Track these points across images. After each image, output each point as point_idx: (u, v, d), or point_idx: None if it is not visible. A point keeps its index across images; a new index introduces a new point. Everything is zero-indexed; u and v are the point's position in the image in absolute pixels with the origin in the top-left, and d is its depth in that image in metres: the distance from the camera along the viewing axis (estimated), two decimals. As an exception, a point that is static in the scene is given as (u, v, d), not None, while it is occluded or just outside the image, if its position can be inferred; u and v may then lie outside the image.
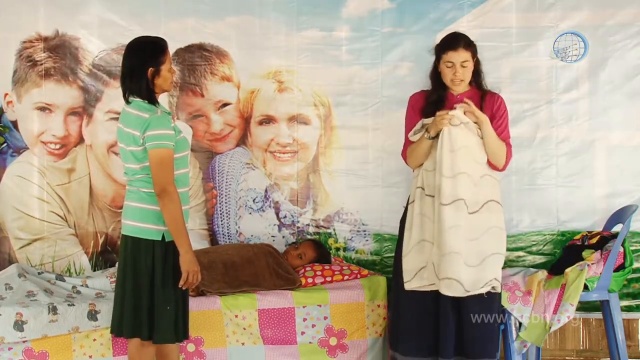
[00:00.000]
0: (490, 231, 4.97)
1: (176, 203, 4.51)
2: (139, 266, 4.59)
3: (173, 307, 4.63)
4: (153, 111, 4.56)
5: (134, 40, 4.69)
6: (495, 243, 4.99)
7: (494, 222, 4.99)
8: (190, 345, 5.29)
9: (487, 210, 4.97)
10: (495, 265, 4.99)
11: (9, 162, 6.13)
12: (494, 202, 5.00)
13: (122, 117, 4.66)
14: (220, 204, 6.27)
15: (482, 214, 4.96)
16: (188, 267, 4.57)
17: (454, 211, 4.91)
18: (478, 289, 4.94)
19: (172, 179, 4.53)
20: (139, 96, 4.59)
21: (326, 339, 5.51)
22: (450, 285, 4.91)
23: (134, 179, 4.63)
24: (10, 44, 6.12)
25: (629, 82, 6.11)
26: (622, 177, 6.12)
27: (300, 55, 6.23)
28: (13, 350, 5.03)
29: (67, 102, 6.15)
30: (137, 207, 4.63)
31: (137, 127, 4.53)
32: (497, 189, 5.05)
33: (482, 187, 4.99)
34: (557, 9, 6.13)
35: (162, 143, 4.51)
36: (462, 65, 5.01)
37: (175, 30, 6.14)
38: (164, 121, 4.56)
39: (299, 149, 6.27)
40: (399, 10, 6.18)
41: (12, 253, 6.12)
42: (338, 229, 6.27)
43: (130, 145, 4.58)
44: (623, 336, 5.64)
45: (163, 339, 4.64)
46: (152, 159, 4.51)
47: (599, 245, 5.69)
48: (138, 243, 4.60)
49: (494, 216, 5.00)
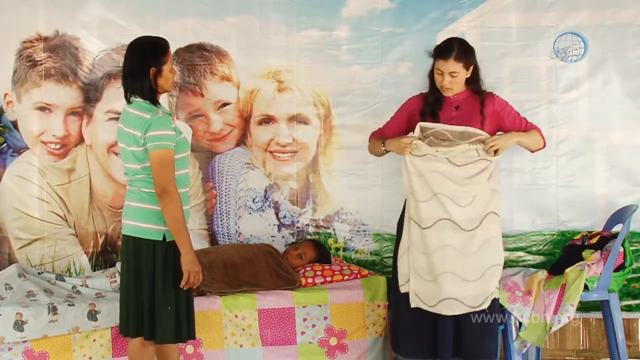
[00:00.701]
0: (488, 244, 4.98)
1: (177, 203, 4.52)
2: (140, 266, 4.60)
3: (174, 307, 4.63)
4: (154, 112, 4.57)
5: (136, 40, 4.70)
6: (493, 255, 5.02)
7: (492, 234, 5.01)
8: (189, 347, 5.29)
9: (486, 224, 5.00)
10: (495, 277, 5.04)
11: (9, 162, 6.13)
12: (492, 214, 5.04)
13: (123, 118, 4.66)
14: (220, 204, 6.27)
15: (483, 229, 4.99)
16: (189, 267, 4.57)
17: (436, 232, 4.95)
18: (480, 303, 4.97)
19: (173, 180, 4.54)
20: (141, 96, 4.59)
21: (326, 339, 5.52)
22: (451, 305, 4.95)
23: (135, 179, 4.63)
24: (11, 44, 6.12)
25: (628, 82, 6.11)
26: (622, 177, 6.12)
27: (300, 55, 6.22)
28: (13, 350, 5.03)
29: (67, 102, 6.15)
30: (138, 207, 4.63)
31: (139, 128, 4.53)
32: (494, 200, 5.07)
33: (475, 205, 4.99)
34: (557, 9, 6.13)
35: (163, 144, 4.51)
36: (451, 75, 5.07)
37: (175, 30, 6.14)
38: (165, 122, 4.57)
39: (298, 149, 6.27)
40: (399, 10, 6.17)
41: (12, 253, 6.12)
42: (338, 229, 6.27)
43: (131, 146, 4.58)
44: (623, 336, 5.64)
45: (164, 339, 4.64)
46: (153, 160, 4.51)
47: (599, 245, 5.70)
48: (139, 243, 4.61)
49: (492, 228, 5.03)
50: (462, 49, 5.10)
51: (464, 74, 5.10)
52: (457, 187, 4.99)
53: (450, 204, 4.96)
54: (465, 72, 5.10)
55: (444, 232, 4.95)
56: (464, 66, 5.08)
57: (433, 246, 4.96)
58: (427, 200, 4.99)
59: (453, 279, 4.95)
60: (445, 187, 4.98)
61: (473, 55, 5.14)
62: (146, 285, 4.59)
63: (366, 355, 5.60)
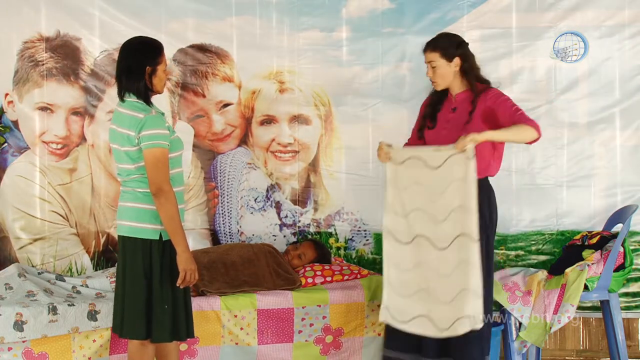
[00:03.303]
0: (460, 267, 4.70)
1: (172, 202, 4.53)
2: (136, 266, 4.61)
3: (171, 306, 4.65)
4: (147, 111, 4.58)
5: (131, 40, 4.72)
6: (463, 279, 4.68)
7: (463, 257, 4.70)
8: (183, 345, 5.28)
9: (457, 244, 4.71)
10: (464, 302, 4.66)
11: (10, 162, 6.14)
12: (465, 237, 4.68)
13: (115, 118, 4.67)
14: (222, 204, 6.28)
15: (453, 250, 4.73)
16: (185, 265, 4.57)
17: (414, 248, 4.86)
18: (448, 326, 4.72)
19: (167, 178, 4.55)
20: (136, 95, 4.61)
21: (322, 337, 5.52)
22: (423, 324, 4.80)
23: (129, 179, 4.65)
24: (12, 45, 6.13)
25: (628, 82, 6.11)
26: (622, 177, 6.13)
27: (301, 56, 6.24)
28: (13, 350, 5.03)
29: (69, 102, 6.17)
30: (133, 207, 4.64)
31: (132, 127, 4.54)
32: (471, 222, 4.66)
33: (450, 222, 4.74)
34: (557, 9, 6.13)
35: (157, 143, 4.53)
36: (431, 66, 5.02)
37: (177, 31, 6.17)
38: (159, 121, 4.58)
39: (299, 149, 6.28)
40: (399, 10, 6.19)
41: (13, 253, 6.13)
42: (339, 229, 6.28)
43: (125, 146, 4.59)
44: (623, 336, 5.64)
45: (161, 338, 4.66)
46: (147, 159, 4.53)
47: (599, 245, 5.70)
48: (135, 243, 4.62)
49: (464, 250, 4.68)
50: (439, 39, 5.05)
51: (444, 66, 4.99)
52: (433, 203, 4.80)
53: (426, 221, 4.82)
54: (446, 64, 4.98)
55: (420, 248, 4.82)
56: (441, 56, 4.97)
57: (410, 262, 4.86)
58: (405, 215, 4.89)
59: (427, 298, 4.80)
60: (424, 204, 4.82)
61: (455, 46, 5.00)
62: (143, 284, 4.60)
63: (361, 353, 5.59)
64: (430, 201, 4.80)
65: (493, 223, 5.02)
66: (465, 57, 5.01)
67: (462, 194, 4.68)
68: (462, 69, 5.01)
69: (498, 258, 6.17)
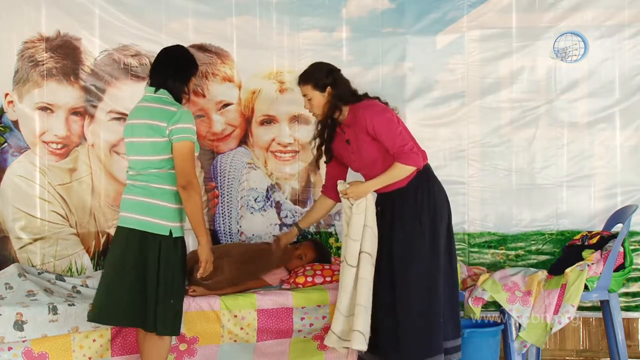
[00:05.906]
0: (359, 283, 5.02)
1: (199, 195, 4.71)
2: (145, 259, 4.70)
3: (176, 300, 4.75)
4: (179, 107, 4.76)
5: (184, 47, 4.97)
6: (359, 295, 4.99)
7: (360, 274, 5.01)
8: (183, 345, 5.29)
9: (361, 261, 5.02)
10: (357, 317, 4.97)
11: (10, 162, 6.14)
12: (364, 254, 5.02)
13: (140, 112, 4.81)
14: (222, 204, 6.29)
15: (359, 267, 5.03)
16: (207, 256, 4.81)
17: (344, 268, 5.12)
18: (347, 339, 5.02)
19: (195, 172, 4.72)
20: (173, 94, 4.80)
21: (321, 335, 5.51)
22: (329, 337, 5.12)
23: (145, 173, 4.75)
24: (12, 45, 6.14)
25: (628, 82, 6.12)
26: (622, 177, 6.13)
27: (301, 56, 6.24)
28: (13, 350, 5.03)
29: (69, 102, 6.17)
30: (145, 202, 4.73)
31: (164, 119, 4.69)
32: (367, 240, 5.03)
33: (361, 240, 5.06)
34: (557, 9, 6.14)
35: (189, 136, 4.71)
36: (307, 98, 5.12)
37: (177, 31, 6.17)
38: (191, 117, 4.77)
39: (299, 149, 6.29)
40: (399, 10, 6.19)
41: (13, 253, 6.13)
42: (339, 229, 6.28)
43: (152, 137, 4.71)
44: (623, 336, 5.64)
45: (165, 331, 4.75)
46: (178, 151, 4.68)
47: (599, 245, 5.70)
48: (145, 237, 4.70)
49: (362, 267, 5.01)
50: (308, 71, 5.15)
51: (318, 96, 5.09)
52: (352, 223, 5.07)
53: (348, 240, 5.08)
54: (319, 94, 5.09)
55: (343, 269, 5.09)
56: (313, 88, 5.08)
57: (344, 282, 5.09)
58: None
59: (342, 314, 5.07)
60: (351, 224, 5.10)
61: (324, 76, 5.10)
62: (150, 278, 4.69)
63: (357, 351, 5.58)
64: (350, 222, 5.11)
65: (433, 211, 5.10)
66: (336, 84, 5.11)
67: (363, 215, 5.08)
68: (335, 97, 5.08)
69: (498, 258, 6.18)
